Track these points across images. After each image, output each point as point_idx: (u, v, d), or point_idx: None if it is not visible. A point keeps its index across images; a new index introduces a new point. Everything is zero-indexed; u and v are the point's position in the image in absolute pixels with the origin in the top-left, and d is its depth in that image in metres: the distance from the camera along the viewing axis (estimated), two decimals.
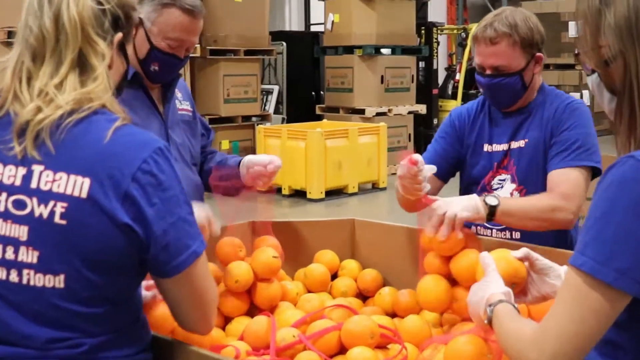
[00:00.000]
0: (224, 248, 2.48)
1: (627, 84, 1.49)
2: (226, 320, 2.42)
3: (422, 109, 10.96)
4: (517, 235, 2.74)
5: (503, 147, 2.84)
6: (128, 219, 1.58)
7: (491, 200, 2.44)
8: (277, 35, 11.14)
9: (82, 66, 1.64)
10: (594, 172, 2.67)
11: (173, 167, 1.66)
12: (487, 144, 2.88)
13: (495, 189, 2.82)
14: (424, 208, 2.40)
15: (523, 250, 1.95)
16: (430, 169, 2.46)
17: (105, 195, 1.57)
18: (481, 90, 2.88)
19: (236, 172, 2.82)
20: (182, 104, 2.92)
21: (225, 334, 2.34)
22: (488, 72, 2.75)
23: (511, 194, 2.78)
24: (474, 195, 2.46)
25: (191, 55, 8.64)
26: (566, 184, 2.60)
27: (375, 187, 9.32)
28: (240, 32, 9.32)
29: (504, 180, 2.82)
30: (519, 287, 1.94)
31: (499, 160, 2.84)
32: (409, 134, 10.65)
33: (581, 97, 11.12)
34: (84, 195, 1.57)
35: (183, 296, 1.72)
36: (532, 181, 2.76)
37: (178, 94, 2.91)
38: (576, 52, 1.65)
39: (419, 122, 11.16)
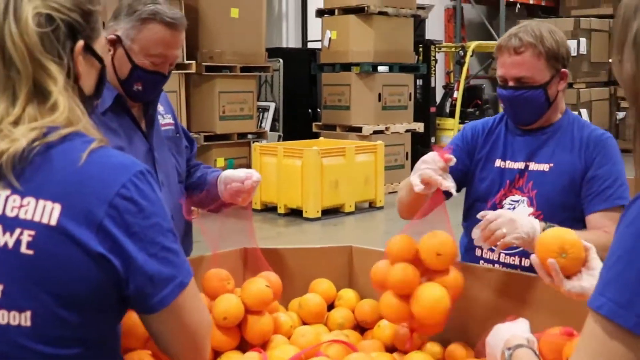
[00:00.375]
0: (210, 282, 2.34)
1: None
2: (215, 354, 2.29)
3: (419, 127, 10.89)
4: (526, 262, 2.59)
5: (519, 165, 2.71)
6: (103, 250, 1.42)
7: None
8: (274, 52, 11.06)
9: (40, 95, 1.48)
10: None
11: (156, 193, 1.51)
12: (500, 159, 2.76)
13: (508, 210, 2.68)
14: (424, 213, 2.26)
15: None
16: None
17: (77, 223, 1.41)
18: (502, 104, 2.77)
19: (214, 192, 2.67)
20: (164, 118, 2.79)
21: None
22: (511, 83, 2.65)
23: None
24: (535, 221, 2.26)
25: (187, 71, 8.64)
26: (614, 226, 2.44)
27: (372, 206, 9.23)
28: (236, 48, 9.23)
29: (517, 201, 2.68)
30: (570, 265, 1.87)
31: (512, 178, 2.71)
32: (407, 153, 10.57)
33: (579, 115, 11.02)
34: (53, 222, 1.41)
35: (172, 332, 1.55)
36: (552, 208, 2.62)
37: (160, 107, 2.79)
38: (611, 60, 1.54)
39: (417, 141, 11.08)
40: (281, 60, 11.46)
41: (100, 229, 1.42)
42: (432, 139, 11.54)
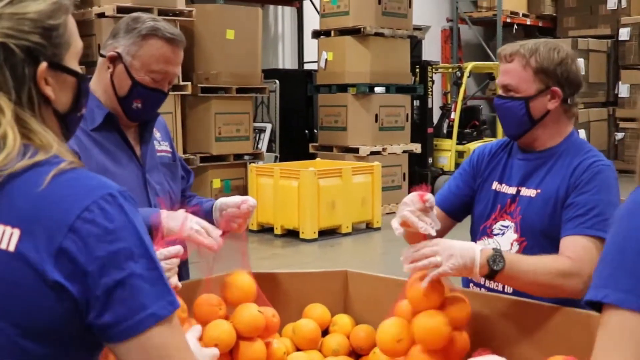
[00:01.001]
0: (200, 307, 2.29)
1: None
2: None
3: (416, 148, 10.87)
4: (509, 289, 2.55)
5: (511, 190, 2.66)
6: (60, 277, 1.33)
7: (497, 264, 2.20)
8: (270, 73, 11.06)
9: None
10: None
11: (129, 216, 1.39)
12: (496, 182, 2.72)
13: (496, 235, 2.65)
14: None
15: None
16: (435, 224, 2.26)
17: (35, 248, 1.33)
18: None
19: (209, 220, 2.60)
20: (161, 145, 2.76)
21: None
22: (500, 92, 2.65)
23: (511, 245, 2.60)
24: (477, 249, 2.21)
25: (182, 93, 8.65)
26: (581, 252, 2.38)
27: (369, 227, 9.19)
28: (232, 69, 9.22)
29: (506, 227, 2.63)
30: None
31: (503, 203, 2.66)
32: (404, 173, 10.55)
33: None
34: (11, 248, 1.33)
35: None
36: (534, 235, 2.57)
37: (157, 133, 2.76)
38: None
39: (414, 162, 11.06)
40: (277, 82, 11.45)
41: (60, 254, 1.33)
42: (430, 160, 11.51)
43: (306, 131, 11.81)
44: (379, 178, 9.25)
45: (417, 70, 11.94)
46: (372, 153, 10.16)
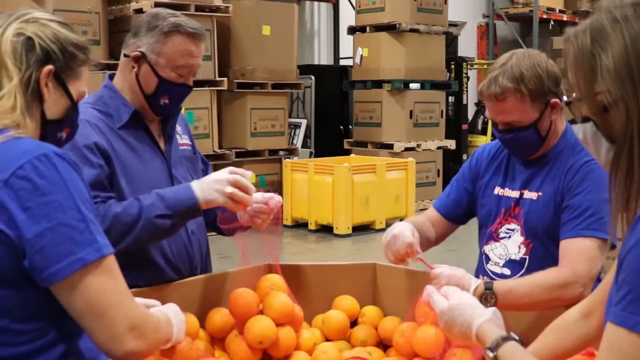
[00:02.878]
0: (237, 301, 2.37)
1: (628, 133, 1.36)
2: None
3: (451, 144, 10.86)
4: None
5: (515, 194, 2.67)
6: (1, 225, 1.56)
7: (489, 302, 2.25)
8: (306, 69, 11.09)
9: None
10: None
11: (60, 173, 1.61)
12: (499, 187, 2.73)
13: (502, 238, 2.67)
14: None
15: None
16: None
17: None
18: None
19: (231, 214, 2.65)
20: (182, 138, 2.80)
21: None
22: (500, 127, 2.58)
23: (519, 248, 2.62)
24: (471, 288, 2.28)
25: (218, 88, 8.70)
26: (575, 255, 2.41)
27: None
28: (268, 65, 9.27)
29: (512, 230, 2.65)
30: None
31: (507, 206, 2.67)
32: (438, 170, 10.54)
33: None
34: None
35: (75, 308, 1.60)
36: (538, 237, 2.59)
37: (177, 127, 2.80)
38: (567, 99, 1.50)
39: (448, 158, 11.04)
40: (313, 77, 11.48)
41: None
42: (464, 156, 11.48)
43: (341, 127, 11.81)
44: (413, 174, 9.25)
45: (452, 66, 11.92)
46: (407, 149, 10.16)
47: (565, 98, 1.53)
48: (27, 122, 1.68)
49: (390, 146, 10.14)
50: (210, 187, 2.38)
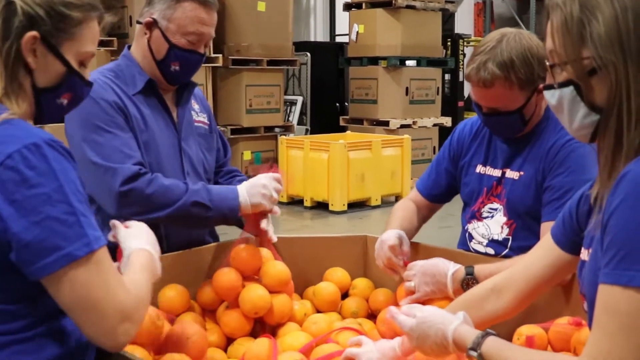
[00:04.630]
0: (221, 281, 2.41)
1: (616, 98, 1.40)
2: (229, 341, 2.31)
3: (447, 121, 10.82)
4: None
5: (497, 172, 2.64)
6: None
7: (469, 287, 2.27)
8: (301, 46, 11.05)
9: None
10: None
11: (51, 164, 1.54)
12: (480, 165, 2.69)
13: (485, 218, 2.65)
14: None
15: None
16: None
17: None
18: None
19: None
20: (198, 116, 2.82)
21: (227, 356, 2.23)
22: (484, 110, 2.51)
23: (501, 228, 2.60)
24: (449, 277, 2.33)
25: (213, 65, 8.65)
26: None
27: (398, 200, 9.14)
28: (263, 41, 9.24)
29: (495, 209, 2.63)
30: None
31: (489, 185, 2.64)
32: (434, 147, 10.52)
33: None
34: None
35: (63, 302, 1.56)
36: (521, 217, 2.57)
37: (195, 105, 2.82)
38: (549, 64, 1.52)
39: (444, 135, 10.96)
40: (309, 54, 11.44)
41: None
42: None
43: (337, 104, 11.79)
44: (409, 151, 9.24)
45: (449, 43, 11.90)
46: (403, 126, 10.13)
47: (546, 62, 1.53)
48: (11, 97, 1.61)
49: (386, 123, 10.12)
50: (257, 191, 2.47)
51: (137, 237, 1.87)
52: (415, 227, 2.76)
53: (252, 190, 2.47)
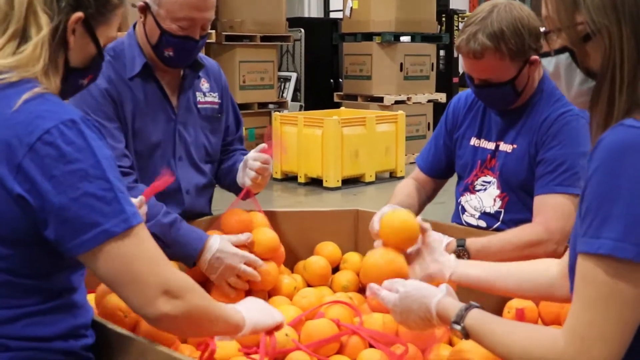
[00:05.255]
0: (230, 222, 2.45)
1: (610, 63, 1.39)
2: None
3: (442, 97, 10.80)
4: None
5: (491, 145, 2.63)
6: (21, 190, 1.51)
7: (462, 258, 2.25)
8: (295, 22, 11.01)
9: (22, 37, 1.61)
10: None
11: (88, 141, 1.54)
12: (475, 138, 2.68)
13: (478, 191, 2.65)
14: None
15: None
16: None
17: (1, 163, 1.52)
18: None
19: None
20: (207, 96, 2.74)
21: None
22: (476, 82, 2.50)
23: (494, 201, 2.60)
24: (443, 243, 2.23)
25: (207, 41, 8.61)
26: (550, 212, 2.37)
27: (392, 176, 9.18)
28: (256, 17, 9.19)
29: (489, 182, 2.62)
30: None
31: (484, 158, 2.64)
32: (428, 123, 10.51)
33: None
34: None
35: (103, 277, 1.57)
36: (513, 190, 2.56)
37: (204, 84, 2.74)
38: (544, 30, 1.52)
39: (439, 111, 10.95)
40: (303, 30, 11.39)
41: (20, 171, 1.51)
42: None
43: (331, 80, 11.75)
44: (403, 127, 9.21)
45: (444, 19, 11.85)
46: (397, 102, 10.10)
47: (542, 29, 1.52)
48: (50, 74, 1.62)
49: (381, 99, 10.09)
50: (225, 254, 2.36)
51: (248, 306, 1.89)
52: (417, 202, 2.73)
53: (223, 249, 2.35)
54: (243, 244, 2.40)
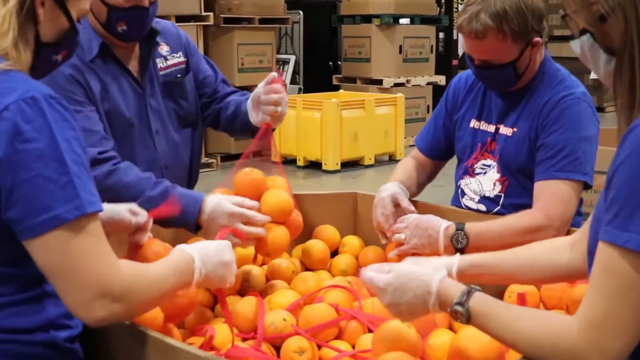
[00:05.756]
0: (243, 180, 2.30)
1: (627, 41, 1.37)
2: (215, 300, 2.27)
3: (441, 80, 10.76)
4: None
5: (491, 128, 2.59)
6: None
7: (460, 243, 2.27)
8: (294, 4, 10.94)
9: None
10: (586, 185, 2.38)
11: (48, 120, 1.46)
12: (475, 120, 2.64)
13: (478, 174, 2.61)
14: None
15: None
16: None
17: None
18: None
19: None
20: (168, 59, 2.68)
21: (213, 315, 2.19)
22: (477, 62, 2.46)
23: (494, 185, 2.57)
24: (441, 228, 2.29)
25: (204, 23, 8.53)
26: (550, 198, 2.33)
27: (392, 159, 9.16)
28: (255, 0, 9.13)
29: (489, 166, 2.59)
30: None
31: (484, 141, 2.60)
32: (427, 105, 10.47)
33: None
34: None
35: (44, 266, 1.47)
36: (513, 174, 2.53)
37: (163, 48, 2.68)
38: (563, 13, 1.49)
39: (438, 93, 10.91)
40: (301, 12, 11.33)
41: None
42: None
43: (330, 63, 11.71)
44: (402, 110, 9.18)
45: (443, 1, 11.78)
46: (396, 85, 10.07)
47: (561, 12, 1.49)
48: (20, 48, 1.55)
49: (380, 82, 10.05)
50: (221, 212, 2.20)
51: (197, 245, 1.78)
52: (416, 181, 2.71)
53: (217, 209, 2.20)
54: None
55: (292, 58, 11.36)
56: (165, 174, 2.60)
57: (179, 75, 2.71)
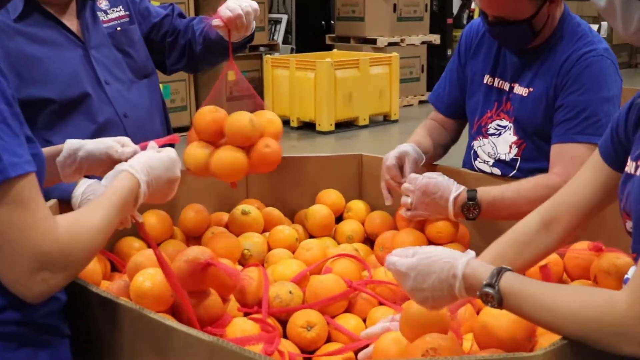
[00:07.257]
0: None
1: None
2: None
3: (435, 39, 10.65)
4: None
5: (506, 85, 2.43)
6: None
7: (471, 213, 2.17)
8: None
9: None
10: None
11: None
12: (488, 75, 2.47)
13: (492, 135, 2.45)
14: None
15: None
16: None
17: None
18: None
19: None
20: (109, 13, 2.53)
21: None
22: (491, 19, 2.30)
23: (510, 147, 2.40)
24: (450, 198, 2.17)
25: None
26: (569, 163, 2.17)
27: (386, 120, 9.08)
28: None
29: (504, 127, 2.42)
30: None
31: (500, 99, 2.43)
32: (422, 65, 10.36)
33: (599, 30, 10.67)
34: None
35: None
36: (530, 137, 2.37)
37: (102, 2, 2.52)
38: None
39: (433, 53, 10.84)
40: None
41: None
42: (449, 51, 11.25)
43: (323, 22, 11.59)
44: (397, 69, 9.07)
45: None
46: (390, 44, 9.96)
47: None
48: None
49: (374, 41, 9.93)
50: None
51: (137, 158, 1.64)
52: (435, 141, 2.54)
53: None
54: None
55: (284, 17, 11.26)
56: (126, 122, 2.45)
57: (118, 28, 2.55)
